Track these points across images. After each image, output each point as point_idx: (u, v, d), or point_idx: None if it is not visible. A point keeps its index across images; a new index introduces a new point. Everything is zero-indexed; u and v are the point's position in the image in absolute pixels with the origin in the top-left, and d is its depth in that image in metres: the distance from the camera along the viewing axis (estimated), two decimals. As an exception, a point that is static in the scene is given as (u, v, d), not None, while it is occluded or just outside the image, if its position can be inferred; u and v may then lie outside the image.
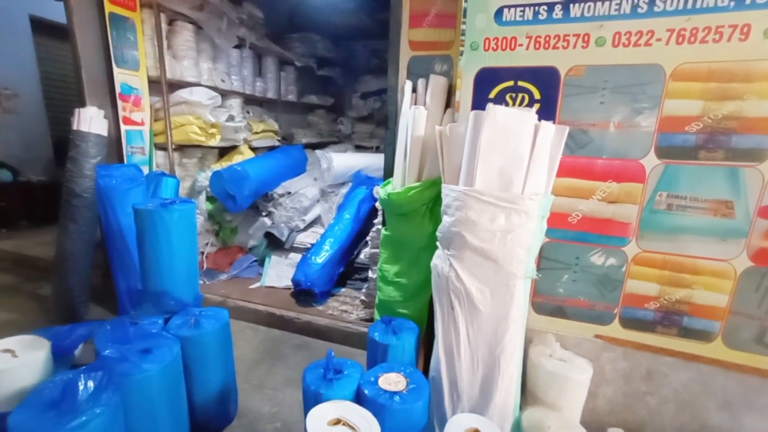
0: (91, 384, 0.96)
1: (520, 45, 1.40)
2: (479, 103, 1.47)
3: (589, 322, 1.54)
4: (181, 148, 2.95)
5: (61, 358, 1.51)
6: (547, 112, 1.39)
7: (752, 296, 1.31)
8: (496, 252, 1.24)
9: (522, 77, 1.42)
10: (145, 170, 2.58)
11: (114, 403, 1.02)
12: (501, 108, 1.23)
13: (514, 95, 1.44)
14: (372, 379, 1.15)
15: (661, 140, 1.31)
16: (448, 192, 1.34)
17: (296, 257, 2.77)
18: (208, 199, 3.07)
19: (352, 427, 0.99)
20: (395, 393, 1.10)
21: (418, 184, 1.56)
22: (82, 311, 2.41)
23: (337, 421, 1.00)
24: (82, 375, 0.97)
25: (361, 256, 2.52)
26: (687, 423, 1.49)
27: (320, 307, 2.39)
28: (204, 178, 2.96)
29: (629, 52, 1.29)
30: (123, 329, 1.29)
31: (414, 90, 1.71)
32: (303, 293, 2.43)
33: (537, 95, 1.40)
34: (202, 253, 3.00)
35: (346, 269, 2.68)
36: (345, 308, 2.36)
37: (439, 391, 1.36)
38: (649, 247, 1.39)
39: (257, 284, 2.71)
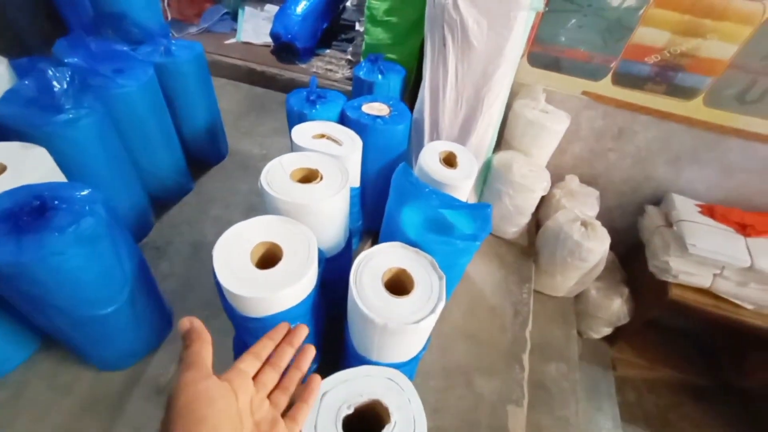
0: (64, 83, 0.93)
1: None
2: None
3: (582, 77, 1.50)
4: None
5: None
6: None
7: (763, 46, 1.24)
8: (504, -29, 1.05)
9: None
10: None
11: (99, 108, 1.02)
12: None
13: None
14: (356, 105, 1.16)
15: None
16: None
17: (273, 9, 2.40)
18: None
19: (336, 141, 1.05)
20: (378, 117, 1.13)
21: None
22: (36, 53, 2.19)
23: (322, 136, 1.06)
24: (50, 70, 0.92)
25: (348, 5, 2.20)
26: (634, 175, 1.69)
27: (304, 65, 2.24)
28: None
29: None
30: (83, 46, 1.18)
31: None
32: (284, 48, 2.23)
33: None
34: (163, 0, 2.56)
35: (331, 26, 2.38)
36: (330, 67, 2.23)
37: (420, 130, 1.42)
38: (681, -17, 1.21)
39: (233, 40, 2.44)
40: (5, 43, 2.11)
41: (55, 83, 0.91)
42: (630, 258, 1.83)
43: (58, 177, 0.92)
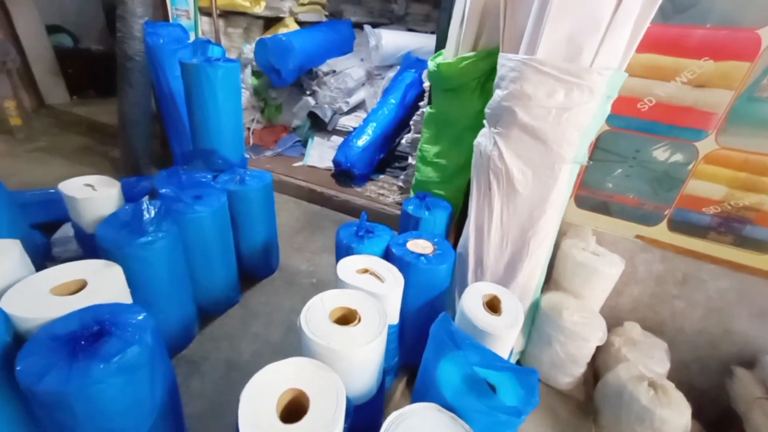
0: (152, 211, 1.09)
1: None
2: (561, -51, 1.20)
3: (634, 221, 1.47)
4: (226, 15, 2.82)
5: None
6: (646, -38, 1.12)
7: (839, 207, 1.16)
8: (547, 131, 1.14)
9: None
10: (192, 37, 2.53)
11: (173, 231, 1.17)
12: (588, -48, 1.00)
13: (608, -62, 1.16)
14: (401, 241, 1.21)
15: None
16: (504, 62, 1.20)
17: (338, 140, 2.78)
18: (254, 73, 3.02)
19: (378, 277, 1.07)
20: (422, 255, 1.15)
21: (472, 54, 1.40)
22: (145, 172, 2.65)
23: (365, 271, 1.09)
24: (145, 203, 1.09)
25: (403, 142, 2.47)
26: (710, 327, 1.49)
27: (358, 189, 2.46)
28: (249, 50, 2.87)
29: None
30: (177, 176, 1.40)
31: (483, -64, 1.42)
32: (343, 174, 2.49)
33: (639, -63, 1.11)
34: (249, 129, 3.08)
35: (387, 156, 2.67)
36: (382, 192, 2.42)
37: (464, 266, 1.41)
38: (731, 144, 1.22)
39: (300, 163, 2.80)
40: (127, 163, 2.60)
41: (145, 213, 1.07)
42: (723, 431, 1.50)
43: (125, 295, 1.01)
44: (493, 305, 1.07)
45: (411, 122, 2.23)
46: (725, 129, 1.20)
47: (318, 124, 2.97)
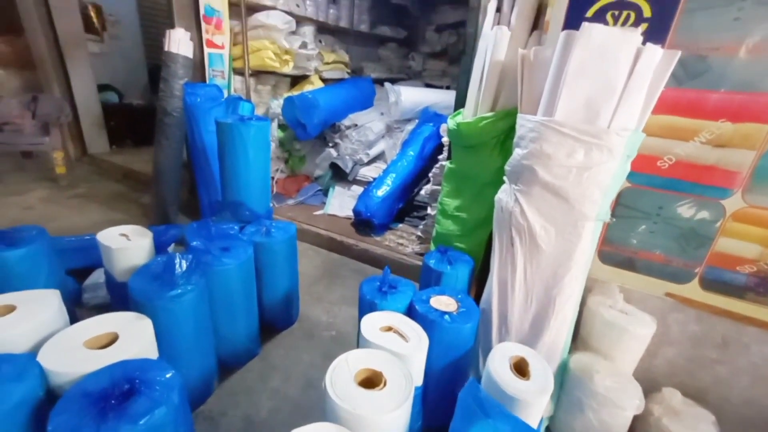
0: (184, 264, 1.13)
1: (635, -54, 1.17)
2: (573, 22, 1.29)
3: (662, 278, 1.42)
4: (257, 74, 3.05)
5: (158, 251, 1.77)
6: (656, 33, 1.19)
7: None
8: (568, 190, 1.16)
9: (631, -11, 1.21)
10: (225, 94, 2.74)
11: (201, 284, 1.20)
12: (598, 26, 1.07)
13: (617, 13, 1.24)
14: (424, 297, 1.20)
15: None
16: (523, 122, 1.25)
17: (358, 190, 2.86)
18: (280, 126, 3.21)
19: (402, 336, 1.06)
20: (446, 313, 1.14)
21: (491, 114, 1.47)
22: (173, 219, 2.77)
23: (389, 329, 1.08)
24: (177, 256, 1.13)
25: (422, 192, 2.52)
26: (760, 398, 1.37)
27: (378, 238, 2.49)
28: (277, 106, 3.07)
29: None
30: (206, 228, 1.46)
31: (498, 9, 1.54)
32: (362, 223, 2.53)
33: (647, 12, 1.19)
34: (273, 178, 3.21)
35: (405, 206, 2.71)
36: (401, 241, 2.43)
37: (487, 323, 1.38)
38: (759, 202, 1.20)
39: (321, 211, 2.87)
40: (157, 210, 2.73)
41: (177, 266, 1.11)
42: None
43: (152, 348, 1.03)
44: (520, 368, 1.03)
45: (430, 174, 2.29)
46: (751, 188, 1.19)
47: (339, 174, 3.08)
